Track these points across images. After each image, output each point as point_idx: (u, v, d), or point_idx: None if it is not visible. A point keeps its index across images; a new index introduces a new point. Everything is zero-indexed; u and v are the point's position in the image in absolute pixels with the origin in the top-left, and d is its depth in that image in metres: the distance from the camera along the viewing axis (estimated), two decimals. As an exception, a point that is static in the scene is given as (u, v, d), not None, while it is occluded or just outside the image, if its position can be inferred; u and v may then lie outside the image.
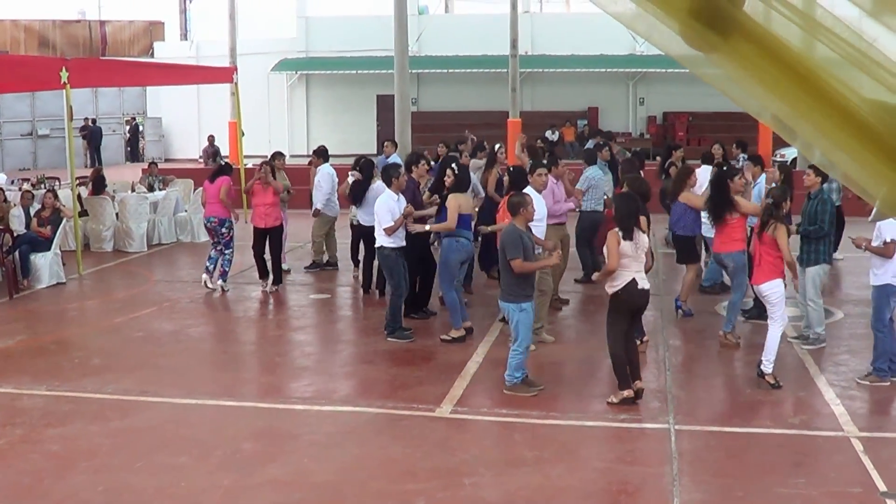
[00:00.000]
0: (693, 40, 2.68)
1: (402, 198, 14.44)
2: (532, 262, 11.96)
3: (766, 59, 2.67)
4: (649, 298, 11.83)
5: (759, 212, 13.11)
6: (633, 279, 11.30)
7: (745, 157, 19.67)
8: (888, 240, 12.07)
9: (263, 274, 17.87)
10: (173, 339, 14.57)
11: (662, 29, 2.81)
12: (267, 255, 17.85)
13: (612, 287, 11.39)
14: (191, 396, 11.92)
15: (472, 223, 15.27)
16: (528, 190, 13.59)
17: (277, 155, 19.83)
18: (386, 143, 22.33)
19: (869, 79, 2.65)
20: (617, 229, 11.35)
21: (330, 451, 10.19)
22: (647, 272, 11.62)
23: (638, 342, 12.81)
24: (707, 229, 15.36)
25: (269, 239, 17.73)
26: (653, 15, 2.73)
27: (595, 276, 12.06)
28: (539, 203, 13.34)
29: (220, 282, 17.84)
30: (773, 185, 14.54)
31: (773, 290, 12.09)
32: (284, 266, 19.27)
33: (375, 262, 16.34)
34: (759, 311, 14.26)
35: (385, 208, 14.16)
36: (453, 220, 14.16)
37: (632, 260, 11.29)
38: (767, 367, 11.99)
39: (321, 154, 19.86)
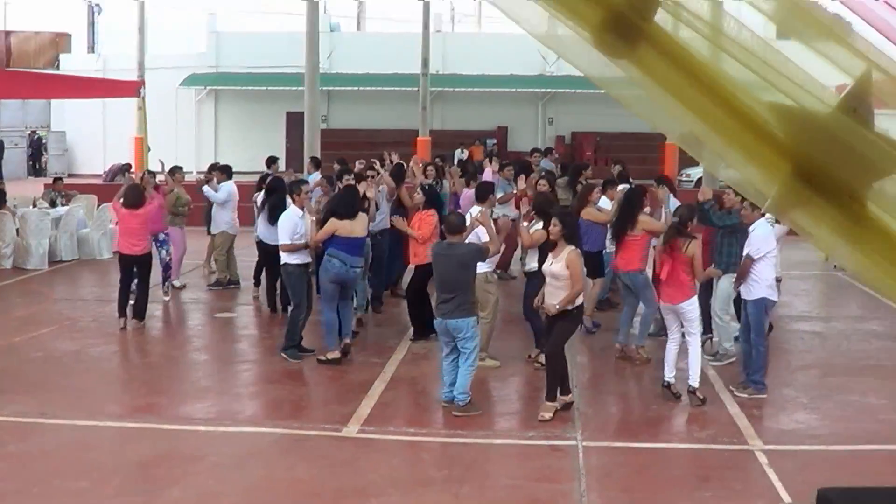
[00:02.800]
0: (604, 49, 2.73)
1: (306, 214, 14.36)
2: (493, 241, 12.39)
3: (672, 68, 2.75)
4: None
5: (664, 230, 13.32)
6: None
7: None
8: (746, 252, 12.36)
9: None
10: (74, 359, 14.26)
11: (578, 50, 2.88)
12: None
13: (576, 302, 11.55)
14: (92, 418, 11.68)
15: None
16: (477, 209, 13.91)
17: (175, 169, 19.57)
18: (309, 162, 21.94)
19: (770, 86, 2.73)
20: (575, 248, 11.47)
21: (235, 473, 10.06)
22: None
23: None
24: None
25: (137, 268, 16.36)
26: (565, 25, 2.78)
27: (557, 303, 11.49)
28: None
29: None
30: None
31: (692, 308, 12.22)
32: (177, 282, 19.11)
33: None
34: (658, 329, 14.39)
35: (288, 224, 14.03)
36: (317, 238, 14.09)
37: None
38: (696, 382, 12.13)
39: (225, 170, 19.70)
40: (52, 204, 24.02)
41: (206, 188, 19.47)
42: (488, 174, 18.02)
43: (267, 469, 10.16)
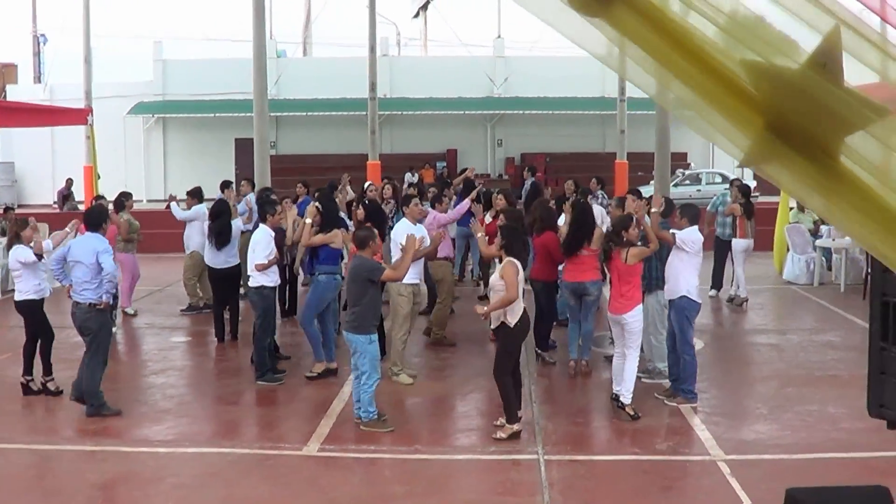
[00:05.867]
0: (578, 7, 2.79)
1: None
2: (399, 268, 12.17)
3: (646, 26, 2.84)
4: None
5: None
6: (525, 309, 11.39)
7: (604, 192, 20.11)
8: (675, 236, 12.53)
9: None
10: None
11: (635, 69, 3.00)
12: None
13: (513, 318, 11.31)
14: (49, 442, 11.62)
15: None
16: (404, 221, 14.30)
17: (126, 196, 19.48)
18: (243, 182, 21.88)
19: (741, 44, 2.84)
20: (513, 259, 11.36)
21: (197, 494, 9.99)
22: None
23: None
24: None
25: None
26: None
27: (483, 309, 11.72)
28: (419, 232, 13.83)
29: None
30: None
31: (635, 319, 12.19)
32: (129, 310, 18.99)
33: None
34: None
35: (263, 244, 13.98)
36: (317, 240, 14.16)
37: (522, 290, 11.40)
38: (627, 399, 12.10)
39: (195, 194, 19.63)
40: (3, 233, 23.78)
41: (172, 205, 19.51)
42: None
43: (228, 489, 10.10)
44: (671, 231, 12.68)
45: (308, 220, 14.27)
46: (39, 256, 13.21)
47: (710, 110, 2.89)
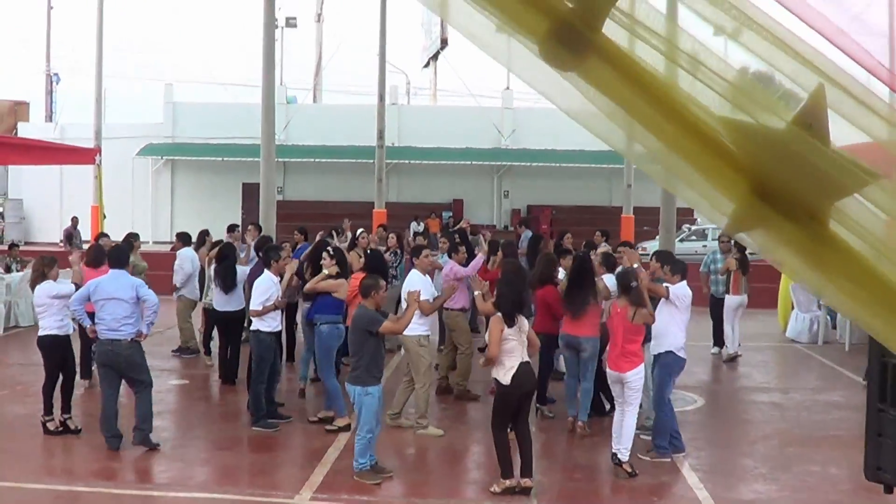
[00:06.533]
0: (551, 62, 2.73)
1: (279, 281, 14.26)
2: (400, 321, 12.09)
3: (622, 81, 2.75)
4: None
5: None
6: (521, 363, 11.16)
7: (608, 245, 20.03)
8: (669, 290, 12.46)
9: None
10: (26, 424, 13.94)
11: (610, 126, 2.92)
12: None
13: (501, 374, 11.14)
14: (41, 482, 11.53)
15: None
16: (414, 272, 14.23)
17: (132, 237, 19.50)
18: (249, 227, 21.87)
19: (725, 101, 2.74)
20: (500, 315, 11.26)
21: (185, 539, 9.89)
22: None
23: None
24: None
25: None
26: (512, 36, 2.79)
27: (481, 361, 11.87)
28: (425, 284, 13.81)
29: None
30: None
31: (638, 377, 12.06)
32: None
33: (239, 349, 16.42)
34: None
35: (262, 289, 13.91)
36: (327, 287, 14.25)
37: (517, 344, 11.15)
38: (624, 456, 11.93)
39: (182, 238, 19.67)
40: (8, 269, 23.75)
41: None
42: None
43: (218, 536, 10.02)
44: (665, 286, 12.60)
45: (326, 272, 14.24)
46: (77, 286, 13.28)
47: (691, 172, 2.80)
